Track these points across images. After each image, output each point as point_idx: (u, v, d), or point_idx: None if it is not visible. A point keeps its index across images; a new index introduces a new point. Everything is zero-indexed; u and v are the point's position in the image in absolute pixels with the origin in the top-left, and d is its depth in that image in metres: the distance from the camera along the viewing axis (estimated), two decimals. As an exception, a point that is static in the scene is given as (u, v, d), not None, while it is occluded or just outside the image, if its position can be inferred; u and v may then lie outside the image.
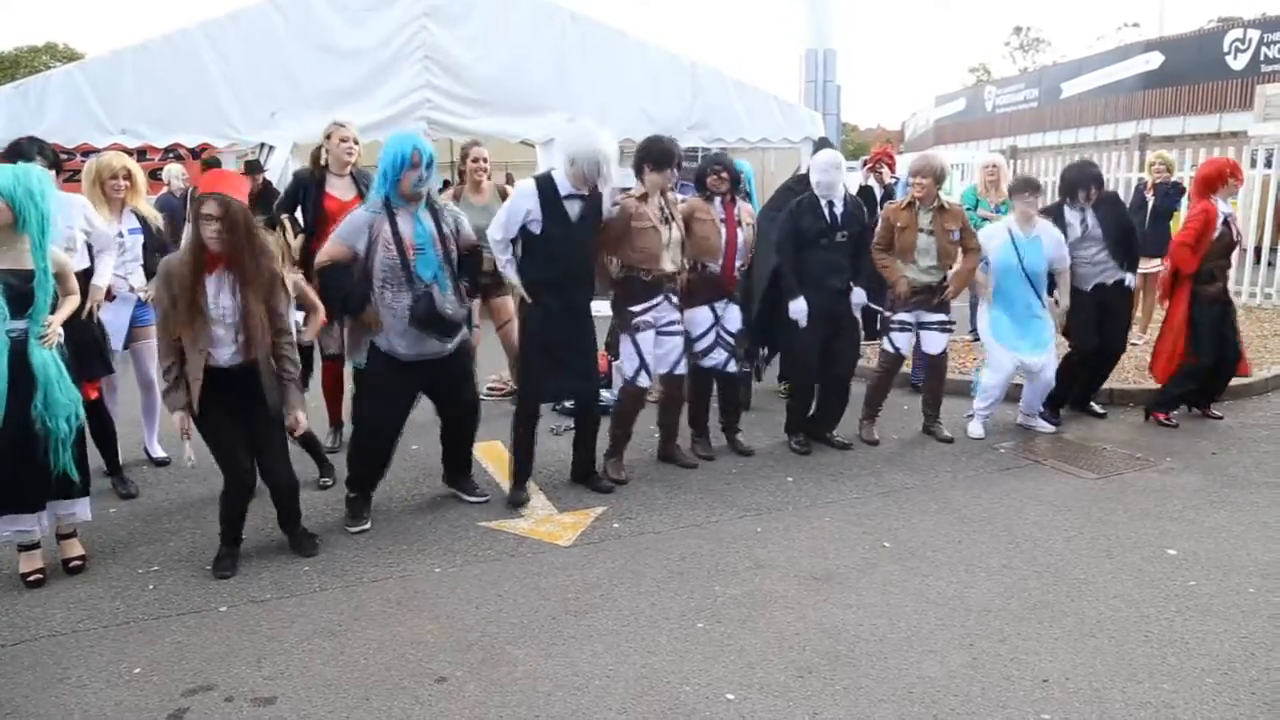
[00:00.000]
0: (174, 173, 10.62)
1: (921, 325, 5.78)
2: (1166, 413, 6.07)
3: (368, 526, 4.47)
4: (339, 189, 5.33)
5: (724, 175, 5.24)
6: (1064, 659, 3.25)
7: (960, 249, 5.69)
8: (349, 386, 5.32)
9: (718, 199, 5.25)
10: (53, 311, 3.79)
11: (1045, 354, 5.72)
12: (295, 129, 8.79)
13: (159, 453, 5.41)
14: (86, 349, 4.39)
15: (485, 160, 6.15)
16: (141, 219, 5.03)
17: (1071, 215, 5.92)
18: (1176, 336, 5.98)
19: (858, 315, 5.59)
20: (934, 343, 5.79)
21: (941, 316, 5.74)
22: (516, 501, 4.77)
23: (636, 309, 4.95)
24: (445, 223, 4.37)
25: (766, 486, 5.04)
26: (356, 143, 5.41)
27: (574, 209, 4.67)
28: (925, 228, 5.61)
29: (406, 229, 4.23)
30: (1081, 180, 5.89)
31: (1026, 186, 5.76)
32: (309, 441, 4.98)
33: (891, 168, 7.75)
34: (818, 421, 5.76)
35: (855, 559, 4.11)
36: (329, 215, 5.07)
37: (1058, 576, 3.91)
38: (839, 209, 5.41)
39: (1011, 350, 5.74)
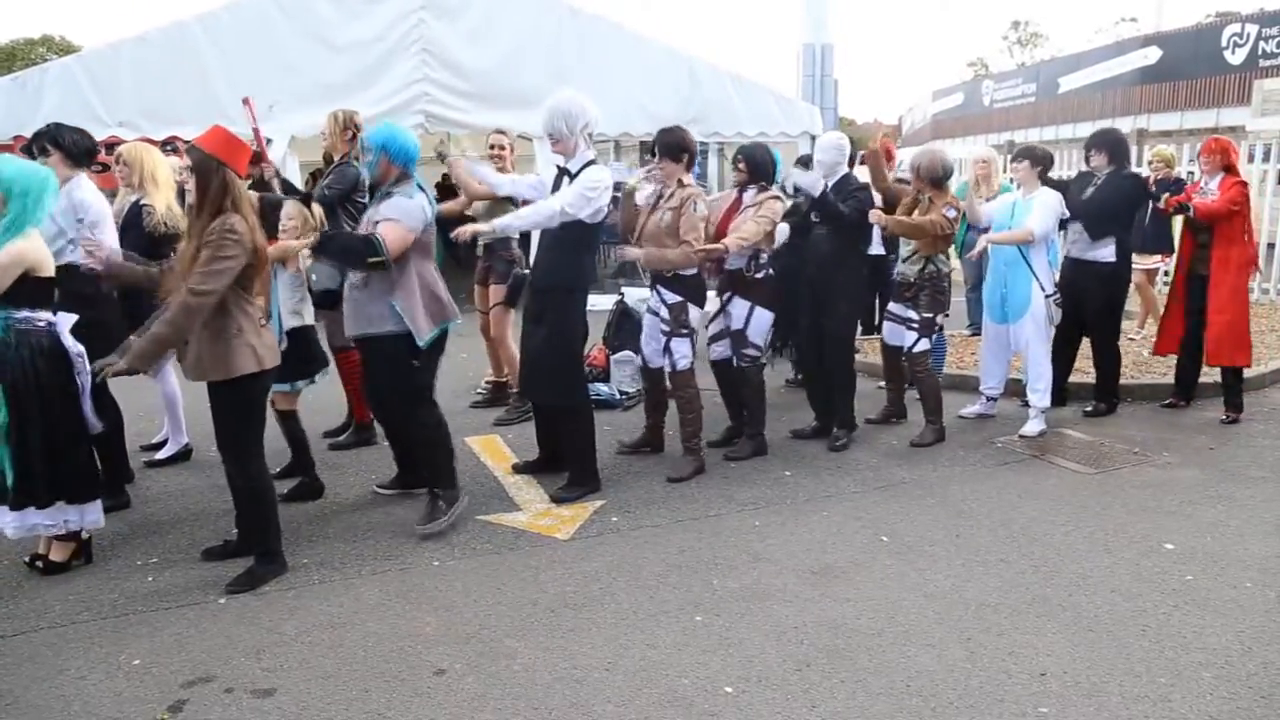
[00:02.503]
0: (171, 165, 10.59)
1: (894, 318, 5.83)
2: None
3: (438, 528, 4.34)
4: None
5: (741, 167, 5.31)
6: (1061, 653, 3.26)
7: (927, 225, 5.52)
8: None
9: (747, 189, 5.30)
10: (17, 301, 3.71)
11: (1019, 320, 5.74)
12: (293, 122, 8.79)
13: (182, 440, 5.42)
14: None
15: (501, 147, 6.12)
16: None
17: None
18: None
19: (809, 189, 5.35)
20: (898, 335, 5.80)
21: (911, 314, 5.66)
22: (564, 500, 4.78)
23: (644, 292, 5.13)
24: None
25: (765, 481, 5.05)
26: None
27: (563, 186, 4.67)
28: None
29: None
30: (1090, 142, 6.12)
31: (1017, 155, 5.91)
32: (297, 437, 4.86)
33: (890, 163, 7.69)
34: (819, 415, 5.79)
35: (853, 553, 4.12)
36: None
37: (1055, 571, 3.92)
38: (830, 188, 5.42)
39: (988, 318, 5.97)
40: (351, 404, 5.70)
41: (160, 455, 5.39)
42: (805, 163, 5.88)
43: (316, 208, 4.79)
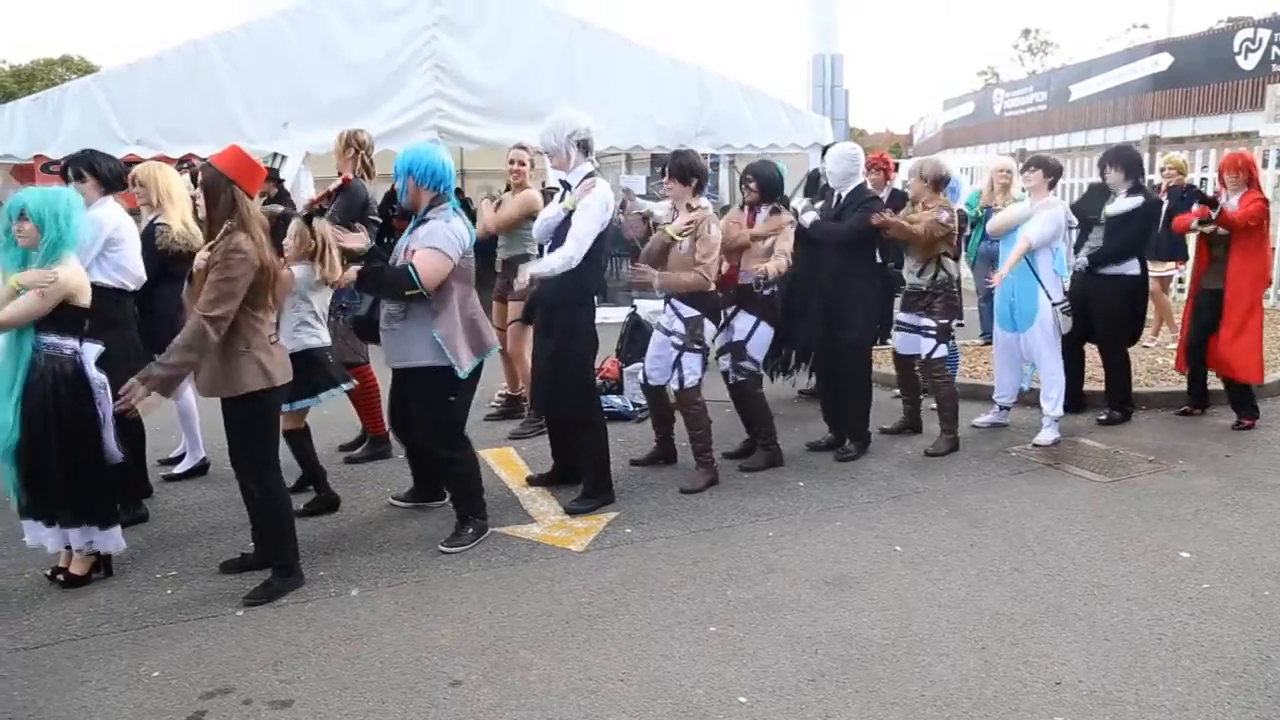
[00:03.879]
0: (186, 182, 10.70)
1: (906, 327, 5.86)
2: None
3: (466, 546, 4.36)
4: None
5: (751, 186, 5.29)
6: (1077, 662, 3.25)
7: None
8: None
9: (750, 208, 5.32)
10: (46, 326, 3.78)
11: (1028, 329, 5.72)
12: (307, 139, 8.88)
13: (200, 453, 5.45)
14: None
15: (520, 163, 6.10)
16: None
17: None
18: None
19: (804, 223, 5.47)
20: (913, 344, 5.81)
21: (926, 321, 5.67)
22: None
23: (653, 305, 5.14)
24: None
25: (778, 491, 5.05)
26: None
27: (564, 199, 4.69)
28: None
29: None
30: (1100, 161, 6.16)
31: (1028, 165, 5.90)
32: (305, 454, 4.85)
33: (887, 174, 7.61)
34: (835, 426, 5.79)
35: (867, 563, 4.12)
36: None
37: (1070, 580, 3.90)
38: (843, 201, 5.48)
39: (999, 326, 5.96)
40: (364, 419, 5.73)
41: (178, 470, 5.44)
42: (813, 183, 5.85)
43: (318, 225, 4.76)
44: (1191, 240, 7.51)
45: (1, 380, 3.75)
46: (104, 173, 4.71)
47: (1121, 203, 5.95)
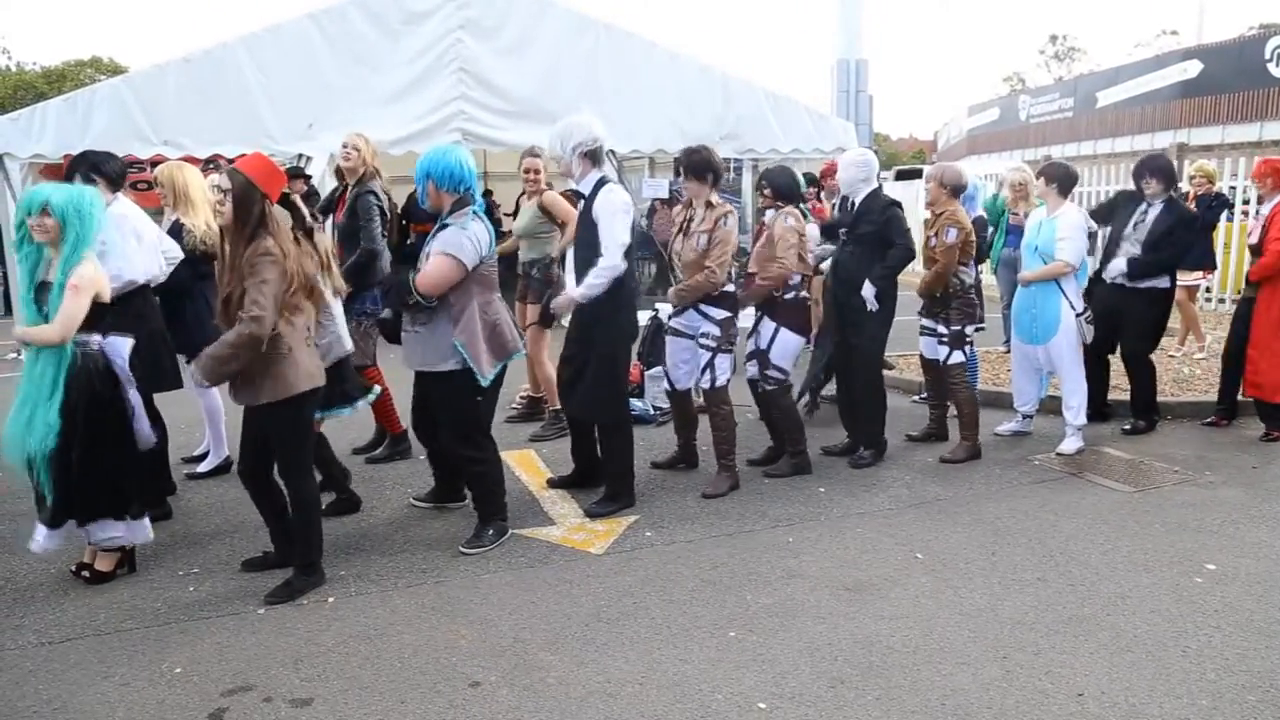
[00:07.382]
0: (212, 181, 10.82)
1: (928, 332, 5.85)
2: None
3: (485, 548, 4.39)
4: None
5: (766, 193, 5.29)
6: (1099, 673, 3.22)
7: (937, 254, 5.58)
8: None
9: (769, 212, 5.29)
10: (87, 325, 3.83)
11: (1050, 340, 5.66)
12: (332, 140, 8.93)
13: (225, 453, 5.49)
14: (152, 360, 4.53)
15: (536, 170, 6.09)
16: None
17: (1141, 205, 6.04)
18: None
19: (871, 305, 5.32)
20: (933, 349, 5.80)
21: (940, 328, 5.67)
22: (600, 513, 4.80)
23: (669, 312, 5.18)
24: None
25: (799, 497, 5.03)
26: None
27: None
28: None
29: None
30: (1138, 170, 6.08)
31: (1042, 173, 5.85)
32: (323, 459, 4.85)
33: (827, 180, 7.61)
34: (850, 432, 5.75)
35: (888, 570, 4.10)
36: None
37: (1093, 590, 3.87)
38: (857, 208, 5.45)
39: (1017, 337, 5.94)
40: (380, 420, 5.76)
41: (202, 468, 5.50)
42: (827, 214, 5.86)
43: (318, 237, 4.74)
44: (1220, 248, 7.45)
45: (43, 382, 3.78)
46: (109, 172, 4.79)
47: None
